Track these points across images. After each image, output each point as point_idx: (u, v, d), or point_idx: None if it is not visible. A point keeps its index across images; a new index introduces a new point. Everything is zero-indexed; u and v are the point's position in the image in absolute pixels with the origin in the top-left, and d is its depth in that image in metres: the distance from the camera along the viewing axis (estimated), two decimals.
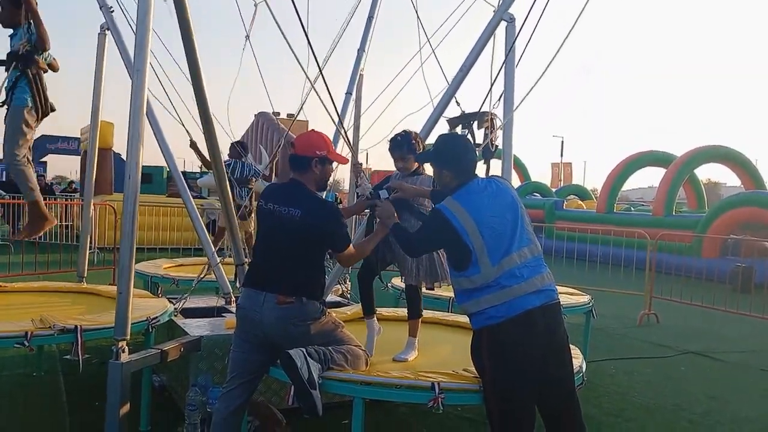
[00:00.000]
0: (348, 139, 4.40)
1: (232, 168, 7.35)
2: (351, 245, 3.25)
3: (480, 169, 3.38)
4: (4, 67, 4.16)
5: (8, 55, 4.15)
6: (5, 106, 4.15)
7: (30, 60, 4.12)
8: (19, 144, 4.12)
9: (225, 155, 7.50)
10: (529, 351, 2.73)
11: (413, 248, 3.15)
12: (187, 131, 5.14)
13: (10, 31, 4.22)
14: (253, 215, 7.42)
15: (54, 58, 4.36)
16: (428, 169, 3.69)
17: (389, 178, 3.79)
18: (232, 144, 7.70)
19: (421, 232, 3.07)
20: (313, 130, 3.37)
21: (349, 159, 5.57)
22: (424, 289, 3.86)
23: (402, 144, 3.68)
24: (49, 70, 4.33)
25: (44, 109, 4.22)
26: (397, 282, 5.90)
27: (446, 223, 2.82)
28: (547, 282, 2.85)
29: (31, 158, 4.25)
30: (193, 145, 6.45)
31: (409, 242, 3.10)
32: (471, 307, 2.86)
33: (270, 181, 7.94)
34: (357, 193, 3.78)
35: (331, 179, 3.44)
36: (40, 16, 4.10)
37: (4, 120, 4.18)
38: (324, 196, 3.68)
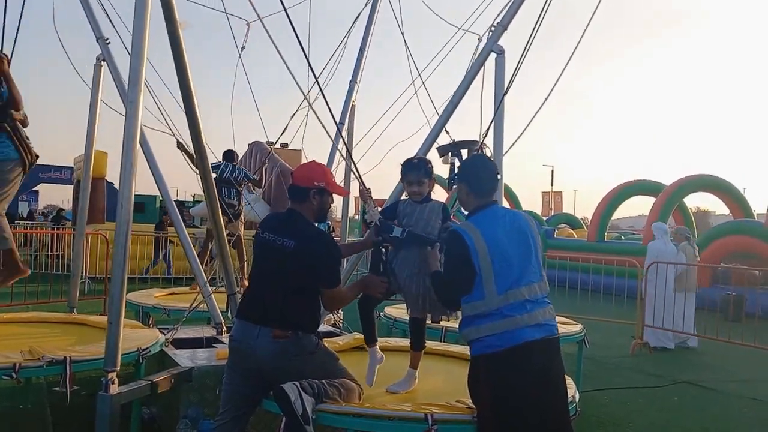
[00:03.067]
0: (351, 153, 4.36)
1: (221, 170, 7.48)
2: (339, 287, 3.16)
3: None
4: None
5: None
6: None
7: (4, 114, 3.91)
8: (1, 198, 3.93)
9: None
10: (524, 382, 2.73)
11: (445, 293, 3.08)
12: (174, 134, 5.14)
13: None
14: (242, 218, 7.85)
15: (25, 114, 4.11)
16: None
17: (396, 204, 3.60)
18: (224, 152, 7.92)
19: (444, 267, 3.05)
20: (313, 161, 3.39)
21: (348, 190, 5.64)
22: (429, 322, 3.71)
23: (419, 166, 3.46)
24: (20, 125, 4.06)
25: (30, 159, 4.04)
26: (390, 311, 5.89)
27: (459, 240, 2.84)
28: (549, 317, 2.87)
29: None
30: (180, 146, 6.34)
31: (441, 289, 3.07)
32: (471, 333, 2.86)
33: (260, 187, 8.22)
34: (365, 220, 3.69)
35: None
36: (12, 77, 3.88)
37: None
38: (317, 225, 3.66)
